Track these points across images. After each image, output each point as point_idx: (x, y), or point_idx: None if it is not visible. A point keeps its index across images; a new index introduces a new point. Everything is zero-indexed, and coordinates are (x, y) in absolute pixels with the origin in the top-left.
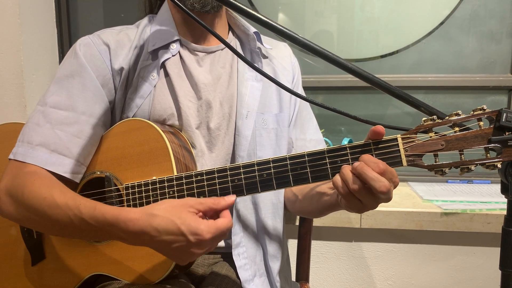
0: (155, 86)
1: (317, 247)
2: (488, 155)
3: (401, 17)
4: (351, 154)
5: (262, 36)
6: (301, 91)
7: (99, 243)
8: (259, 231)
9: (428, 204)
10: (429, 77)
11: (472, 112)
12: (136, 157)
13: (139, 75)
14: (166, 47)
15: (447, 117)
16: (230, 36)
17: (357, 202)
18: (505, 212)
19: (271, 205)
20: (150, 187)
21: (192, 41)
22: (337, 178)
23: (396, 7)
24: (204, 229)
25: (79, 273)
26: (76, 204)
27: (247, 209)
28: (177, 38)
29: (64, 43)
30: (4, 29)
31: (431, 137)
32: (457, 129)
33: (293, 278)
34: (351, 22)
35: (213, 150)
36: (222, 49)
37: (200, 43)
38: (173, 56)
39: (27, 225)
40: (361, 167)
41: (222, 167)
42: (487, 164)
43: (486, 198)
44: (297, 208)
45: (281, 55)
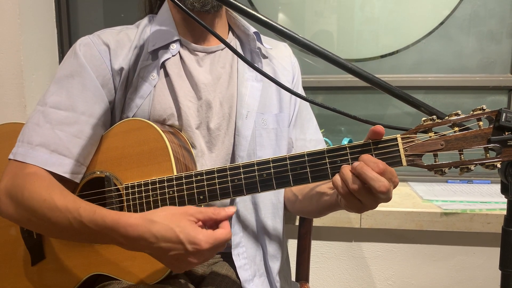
0: (155, 86)
1: (317, 247)
2: (488, 155)
3: (401, 17)
4: (351, 154)
5: (262, 36)
6: (301, 91)
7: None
8: (259, 231)
9: (428, 204)
10: (429, 77)
11: (472, 112)
12: (136, 157)
13: (139, 75)
14: (166, 47)
15: (446, 117)
16: (230, 36)
17: (357, 202)
18: (505, 212)
19: (271, 205)
20: (150, 187)
21: (192, 41)
22: (336, 178)
23: (396, 7)
24: (202, 239)
25: (79, 273)
26: (76, 207)
27: (247, 209)
28: (177, 38)
29: (64, 43)
30: (4, 29)
31: (430, 137)
32: (456, 129)
33: (293, 278)
34: (351, 22)
35: (213, 150)
36: (222, 49)
37: (200, 43)
38: (173, 56)
39: (27, 226)
40: (361, 167)
41: (222, 167)
42: (486, 164)
43: (486, 198)
44: (297, 208)
45: (281, 55)
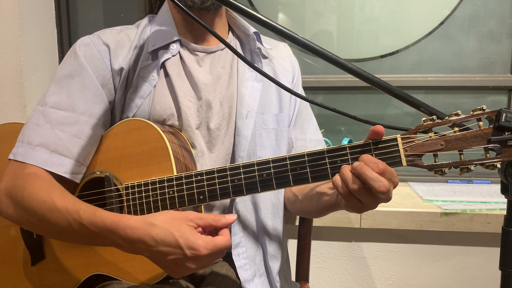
0: (155, 86)
1: (317, 247)
2: (488, 155)
3: (401, 17)
4: (351, 154)
5: (262, 36)
6: (301, 91)
7: None
8: (259, 231)
9: (428, 204)
10: (429, 77)
11: (472, 112)
12: (136, 157)
13: (139, 75)
14: (166, 47)
15: (446, 117)
16: (230, 36)
17: (357, 202)
18: (505, 212)
19: (271, 205)
20: (150, 187)
21: (192, 41)
22: (336, 178)
23: (396, 7)
24: (201, 245)
25: (79, 273)
26: (76, 209)
27: (247, 209)
28: (177, 38)
29: (64, 43)
30: (4, 29)
31: (430, 137)
32: (456, 129)
33: (293, 278)
34: (351, 22)
35: (213, 150)
36: (222, 49)
37: (200, 43)
38: (173, 56)
39: (26, 227)
40: (361, 167)
41: (222, 167)
42: (486, 164)
43: (486, 198)
44: (297, 208)
45: (281, 55)
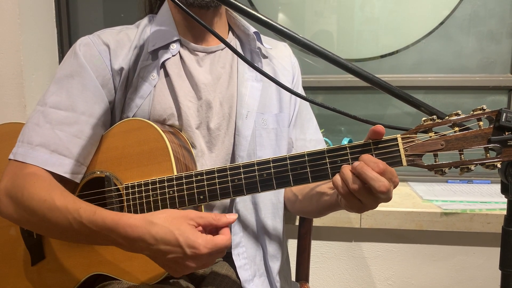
0: (155, 86)
1: (317, 247)
2: (488, 155)
3: (401, 17)
4: (351, 154)
5: (262, 36)
6: (301, 91)
7: None
8: (259, 231)
9: (428, 204)
10: (429, 77)
11: (472, 112)
12: (136, 157)
13: (139, 75)
14: (166, 47)
15: (447, 117)
16: (230, 36)
17: (357, 202)
18: (505, 212)
19: (271, 205)
20: (150, 187)
21: (192, 41)
22: (337, 178)
23: (396, 7)
24: (201, 243)
25: (79, 273)
26: (76, 208)
27: (247, 209)
28: (177, 38)
29: (64, 43)
30: (4, 29)
31: (431, 137)
32: (457, 129)
33: (293, 278)
34: (351, 22)
35: (213, 150)
36: (222, 49)
37: (200, 43)
38: (173, 56)
39: (26, 227)
40: (361, 166)
41: (222, 167)
42: (487, 164)
43: (486, 198)
44: (297, 208)
45: (281, 55)
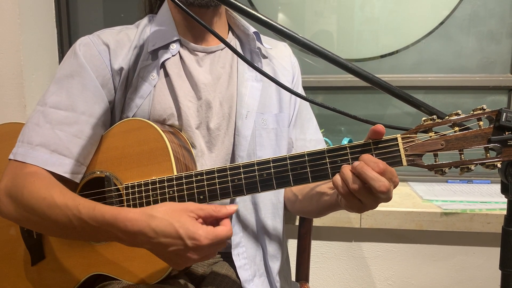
0: (155, 86)
1: (317, 247)
2: (488, 154)
3: (401, 17)
4: (351, 154)
5: (262, 36)
6: (301, 91)
7: (98, 243)
8: (259, 231)
9: (428, 204)
10: (429, 77)
11: (472, 112)
12: (136, 157)
13: (138, 75)
14: (166, 47)
15: (447, 117)
16: (230, 36)
17: (357, 202)
18: (505, 212)
19: (271, 205)
20: (150, 187)
21: (192, 41)
22: (337, 178)
23: (396, 7)
24: (202, 235)
25: (79, 273)
26: (75, 204)
27: (247, 209)
28: (177, 38)
29: (64, 43)
30: (4, 29)
31: (431, 136)
32: (457, 128)
33: (293, 278)
34: (351, 22)
35: (213, 150)
36: (222, 49)
37: (200, 43)
38: (173, 56)
39: (27, 226)
40: (361, 166)
41: (222, 167)
42: (487, 164)
43: (486, 198)
44: (297, 208)
45: (281, 55)
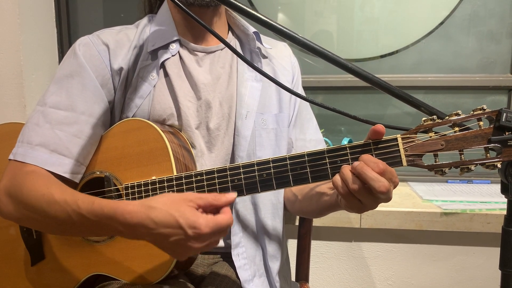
0: (154, 86)
1: (317, 247)
2: (488, 155)
3: (401, 17)
4: (351, 154)
5: (261, 36)
6: (301, 91)
7: (98, 243)
8: (258, 231)
9: (428, 204)
10: (429, 77)
11: (472, 112)
12: (135, 157)
13: (138, 75)
14: (166, 47)
15: (447, 117)
16: (230, 36)
17: (357, 202)
18: (505, 212)
19: (270, 205)
20: (150, 187)
21: (191, 41)
22: (337, 178)
23: (396, 7)
24: (202, 223)
25: (79, 273)
26: (74, 200)
27: (247, 209)
28: (176, 38)
29: (64, 43)
30: (4, 29)
31: (431, 137)
32: (457, 129)
33: (293, 278)
34: (351, 22)
35: (212, 150)
36: (221, 49)
37: (200, 43)
38: (172, 56)
39: (26, 224)
40: (361, 167)
41: (221, 167)
42: (487, 164)
43: (486, 198)
44: (296, 208)
45: (280, 55)
